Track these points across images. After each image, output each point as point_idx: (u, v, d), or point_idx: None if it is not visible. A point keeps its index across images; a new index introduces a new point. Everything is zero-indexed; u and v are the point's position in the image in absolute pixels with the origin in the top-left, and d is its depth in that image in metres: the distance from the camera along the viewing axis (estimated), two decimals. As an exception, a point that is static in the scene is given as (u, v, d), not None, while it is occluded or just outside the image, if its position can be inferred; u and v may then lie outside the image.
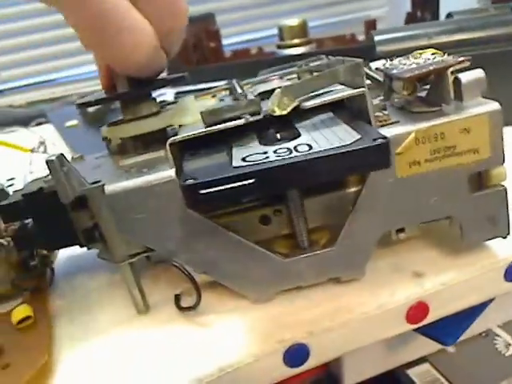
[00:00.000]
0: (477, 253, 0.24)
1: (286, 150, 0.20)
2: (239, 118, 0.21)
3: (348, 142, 0.19)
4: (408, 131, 0.21)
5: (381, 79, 0.25)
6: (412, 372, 0.32)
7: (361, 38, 0.63)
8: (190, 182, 0.19)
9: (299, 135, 0.21)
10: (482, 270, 0.23)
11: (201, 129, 0.21)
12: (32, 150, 0.52)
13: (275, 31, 0.60)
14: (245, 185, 0.18)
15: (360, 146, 0.18)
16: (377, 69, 0.25)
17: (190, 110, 0.26)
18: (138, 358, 0.22)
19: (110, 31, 0.20)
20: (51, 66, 1.14)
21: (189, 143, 0.22)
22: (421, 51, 0.24)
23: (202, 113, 0.21)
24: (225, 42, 0.70)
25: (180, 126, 0.24)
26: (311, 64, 0.29)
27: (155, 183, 0.21)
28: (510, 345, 0.31)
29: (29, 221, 0.26)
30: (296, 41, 0.55)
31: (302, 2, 1.21)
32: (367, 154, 0.18)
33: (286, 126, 0.22)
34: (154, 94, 0.27)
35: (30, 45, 1.11)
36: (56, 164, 0.21)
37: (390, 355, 0.31)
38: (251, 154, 0.20)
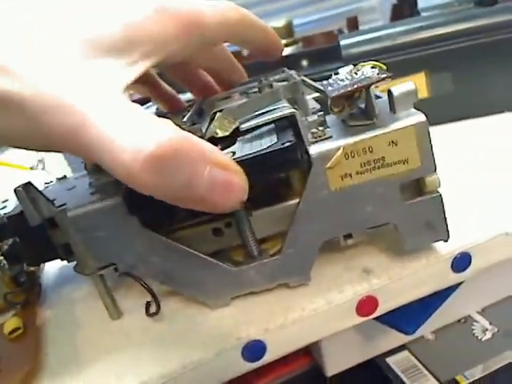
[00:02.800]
0: (422, 250, 0.25)
1: None
2: None
3: (264, 147, 0.21)
4: (337, 146, 0.22)
5: (320, 96, 0.26)
6: (391, 360, 0.33)
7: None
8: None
9: (233, 144, 0.23)
10: (428, 264, 0.25)
11: None
12: (31, 168, 0.55)
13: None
14: None
15: (268, 150, 0.20)
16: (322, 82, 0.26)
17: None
18: (113, 360, 0.24)
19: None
20: None
21: None
22: (363, 63, 0.25)
23: None
24: None
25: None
26: (271, 78, 0.30)
27: (109, 207, 0.23)
28: (486, 330, 0.32)
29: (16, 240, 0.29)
30: (283, 41, 0.56)
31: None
32: (274, 156, 0.21)
33: (228, 138, 0.24)
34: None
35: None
36: (22, 193, 0.23)
37: (370, 345, 0.32)
38: None
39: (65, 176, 0.32)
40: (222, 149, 0.23)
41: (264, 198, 0.25)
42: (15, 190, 0.23)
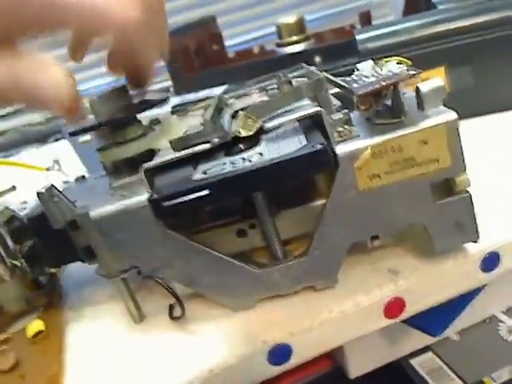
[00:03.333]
0: (450, 250, 0.25)
1: (241, 160, 0.21)
2: (207, 141, 0.23)
3: (293, 150, 0.20)
4: (364, 146, 0.21)
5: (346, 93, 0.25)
6: (415, 361, 0.33)
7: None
8: (154, 196, 0.21)
9: (258, 144, 0.23)
10: (456, 264, 0.24)
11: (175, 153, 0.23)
12: (48, 169, 0.55)
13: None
14: (201, 195, 0.20)
15: (296, 154, 0.20)
16: (345, 78, 0.25)
17: (172, 131, 0.28)
18: (137, 363, 0.24)
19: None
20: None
21: (165, 167, 0.24)
22: (388, 59, 0.24)
23: (170, 142, 0.23)
24: (227, 43, 0.69)
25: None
26: (289, 75, 0.30)
27: (133, 208, 0.23)
28: None
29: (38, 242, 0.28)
30: (294, 38, 0.55)
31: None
32: (306, 159, 0.20)
33: (252, 138, 0.24)
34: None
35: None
36: (46, 196, 0.23)
37: (393, 346, 0.32)
38: (213, 166, 0.22)
39: (83, 176, 0.31)
40: (246, 149, 0.23)
41: (289, 199, 0.25)
42: (38, 193, 0.23)
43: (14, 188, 0.36)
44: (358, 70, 0.24)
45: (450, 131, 0.21)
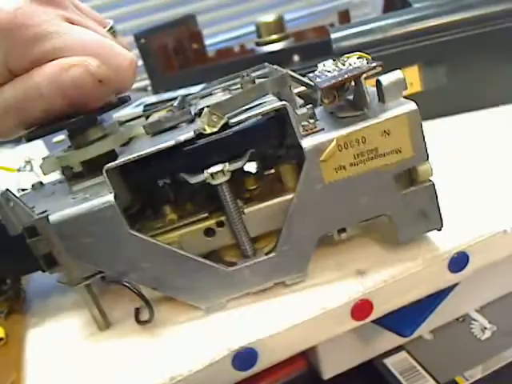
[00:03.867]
0: (419, 246, 0.25)
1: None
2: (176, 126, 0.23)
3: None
4: (330, 139, 0.22)
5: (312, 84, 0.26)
6: (388, 361, 0.32)
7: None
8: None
9: None
10: (424, 264, 0.24)
11: (137, 152, 0.23)
12: (19, 170, 0.53)
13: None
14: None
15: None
16: (308, 74, 0.25)
17: (135, 129, 0.27)
18: (99, 371, 0.23)
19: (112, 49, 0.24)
20: None
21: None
22: (348, 55, 0.25)
23: (144, 126, 0.23)
24: (207, 41, 0.69)
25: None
26: (253, 74, 0.30)
27: (96, 209, 0.22)
28: (485, 328, 0.31)
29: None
30: (274, 37, 0.55)
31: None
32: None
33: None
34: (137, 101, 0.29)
35: None
36: (1, 201, 0.22)
37: (367, 346, 0.32)
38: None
39: (41, 182, 0.30)
40: None
41: (256, 196, 0.25)
42: (-7, 198, 0.22)
43: None
44: (322, 66, 0.24)
45: (412, 121, 0.22)
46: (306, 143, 0.22)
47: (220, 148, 0.23)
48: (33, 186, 0.30)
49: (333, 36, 0.42)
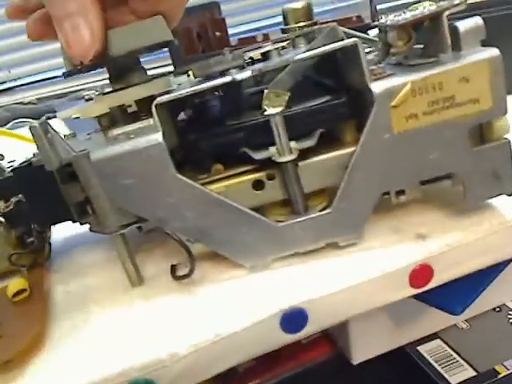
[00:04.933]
0: (483, 213, 0.23)
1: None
2: (227, 71, 0.21)
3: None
4: (403, 82, 0.20)
5: (376, 39, 0.24)
6: (423, 348, 0.31)
7: (367, 20, 0.61)
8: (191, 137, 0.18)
9: None
10: (489, 231, 0.22)
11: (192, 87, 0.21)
12: (33, 155, 0.51)
13: (280, 19, 0.59)
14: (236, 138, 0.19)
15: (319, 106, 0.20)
16: (372, 23, 0.24)
17: (179, 81, 0.25)
18: (133, 325, 0.21)
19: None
20: (60, 62, 1.14)
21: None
22: (417, 4, 0.23)
23: (192, 69, 0.21)
24: (230, 31, 0.68)
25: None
26: (304, 30, 0.28)
27: (141, 147, 0.20)
28: None
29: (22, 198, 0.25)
30: (301, 24, 0.54)
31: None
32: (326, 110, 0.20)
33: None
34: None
35: (39, 42, 1.11)
36: (39, 130, 0.20)
37: (399, 331, 0.30)
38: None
39: (74, 134, 0.28)
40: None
41: (312, 148, 0.23)
42: (30, 128, 0.20)
43: (2, 157, 0.33)
44: (384, 18, 0.23)
45: (493, 69, 0.20)
46: (377, 87, 0.20)
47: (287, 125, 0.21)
48: (65, 135, 0.28)
49: (379, 7, 0.40)
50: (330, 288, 0.21)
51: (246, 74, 0.21)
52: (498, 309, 0.31)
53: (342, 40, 0.21)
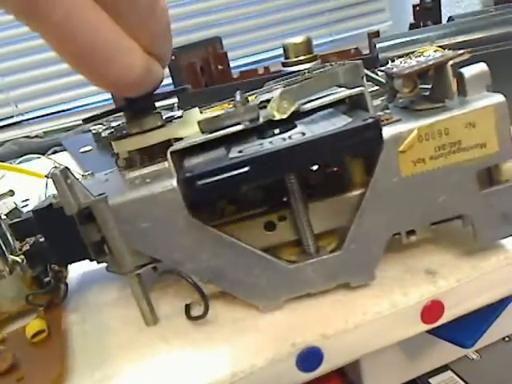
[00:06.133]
0: (490, 249, 0.23)
1: (280, 139, 0.20)
2: (238, 124, 0.21)
3: (340, 125, 0.19)
4: (410, 128, 0.20)
5: (384, 81, 0.25)
6: (434, 381, 0.31)
7: (365, 51, 0.63)
8: (188, 174, 0.19)
9: (295, 127, 0.21)
10: (497, 265, 0.23)
11: (204, 135, 0.22)
12: (47, 176, 0.52)
13: (281, 51, 0.60)
14: (240, 173, 0.18)
15: (349, 127, 0.19)
16: (379, 70, 0.24)
17: (194, 122, 0.26)
18: (151, 367, 0.22)
19: (102, 57, 0.19)
20: (66, 97, 1.18)
21: (192, 152, 0.22)
22: (422, 50, 0.24)
23: (199, 122, 0.22)
24: (232, 64, 0.70)
25: (184, 138, 0.25)
26: (314, 72, 0.29)
27: (157, 192, 0.21)
28: None
29: (41, 238, 0.26)
30: (301, 57, 0.55)
31: (305, 22, 1.24)
32: (356, 132, 0.19)
33: (284, 124, 0.22)
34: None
35: (45, 77, 1.15)
36: (59, 177, 0.21)
37: (411, 364, 0.30)
38: (248, 147, 0.20)
39: (92, 173, 0.29)
40: (281, 132, 0.22)
41: (322, 189, 0.23)
42: (51, 174, 0.21)
43: (12, 192, 0.33)
44: (390, 63, 0.23)
45: (499, 114, 0.20)
46: (385, 132, 0.20)
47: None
48: (83, 175, 0.29)
49: (378, 45, 0.41)
50: (343, 326, 0.21)
51: (258, 122, 0.21)
52: (507, 338, 0.31)
53: (362, 77, 0.22)
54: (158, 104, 0.26)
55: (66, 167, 0.22)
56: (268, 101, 0.26)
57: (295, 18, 1.24)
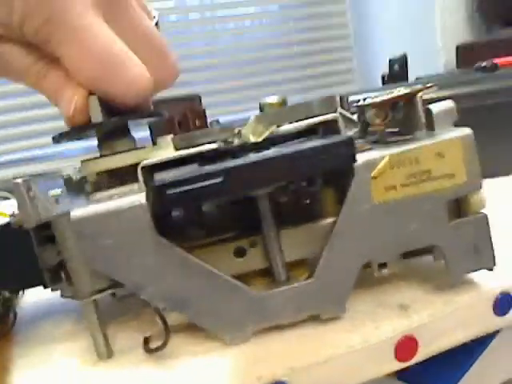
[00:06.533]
0: (464, 285, 0.23)
1: (255, 156, 0.20)
2: (213, 142, 0.21)
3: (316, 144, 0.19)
4: (382, 155, 0.21)
5: (355, 119, 0.26)
6: None
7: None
8: (158, 183, 0.18)
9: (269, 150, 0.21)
10: (470, 301, 0.22)
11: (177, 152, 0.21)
12: (11, 215, 0.50)
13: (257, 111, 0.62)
14: (213, 184, 0.17)
15: (324, 142, 0.19)
16: (351, 103, 0.25)
17: (167, 147, 0.26)
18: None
19: (117, 65, 0.23)
20: (34, 143, 1.17)
21: (164, 170, 0.22)
22: (394, 89, 0.25)
23: (172, 139, 0.21)
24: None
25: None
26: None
27: (124, 208, 0.20)
28: None
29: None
30: None
31: (281, 87, 1.30)
32: (331, 148, 0.19)
33: (259, 148, 0.22)
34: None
35: (14, 123, 1.15)
36: (22, 186, 0.20)
37: None
38: (222, 162, 0.20)
39: (56, 199, 0.28)
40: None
41: (294, 217, 0.23)
42: (13, 183, 0.20)
43: None
44: (363, 99, 0.24)
45: (466, 146, 0.21)
46: (358, 158, 0.21)
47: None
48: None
49: (351, 98, 0.43)
50: (313, 359, 0.20)
51: (233, 143, 0.21)
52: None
53: (336, 110, 0.22)
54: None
55: (30, 179, 0.21)
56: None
57: (272, 82, 1.31)
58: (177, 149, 0.21)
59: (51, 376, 0.22)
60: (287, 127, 0.21)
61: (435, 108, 0.22)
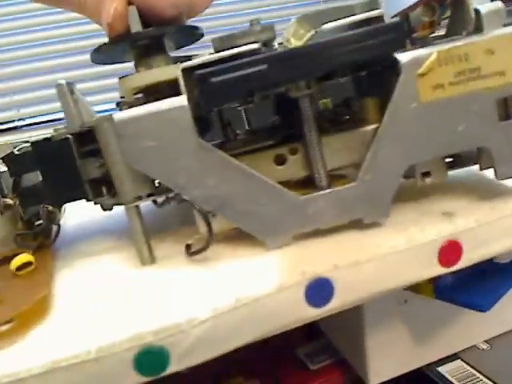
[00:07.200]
0: (510, 193, 0.22)
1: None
2: (254, 42, 0.21)
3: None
4: (429, 52, 0.20)
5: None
6: (443, 369, 0.30)
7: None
8: (202, 71, 0.18)
9: None
10: None
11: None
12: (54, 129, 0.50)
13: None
14: (257, 71, 0.17)
15: (374, 27, 0.18)
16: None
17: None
18: (147, 293, 0.20)
19: None
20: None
21: None
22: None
23: (212, 39, 0.21)
24: None
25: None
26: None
27: (165, 109, 0.20)
28: None
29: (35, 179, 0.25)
30: None
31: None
32: (382, 32, 0.18)
33: None
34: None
35: (49, 83, 1.16)
36: (65, 89, 0.20)
37: (418, 352, 0.29)
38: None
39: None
40: None
41: (336, 123, 0.23)
42: (56, 85, 0.20)
43: None
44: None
45: (519, 42, 0.20)
46: (403, 56, 0.20)
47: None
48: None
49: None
50: (356, 258, 0.20)
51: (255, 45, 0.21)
52: (516, 329, 0.30)
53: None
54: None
55: (72, 83, 0.21)
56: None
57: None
58: (216, 50, 0.21)
59: (96, 279, 0.22)
60: (330, 25, 0.21)
61: (484, 8, 0.21)
